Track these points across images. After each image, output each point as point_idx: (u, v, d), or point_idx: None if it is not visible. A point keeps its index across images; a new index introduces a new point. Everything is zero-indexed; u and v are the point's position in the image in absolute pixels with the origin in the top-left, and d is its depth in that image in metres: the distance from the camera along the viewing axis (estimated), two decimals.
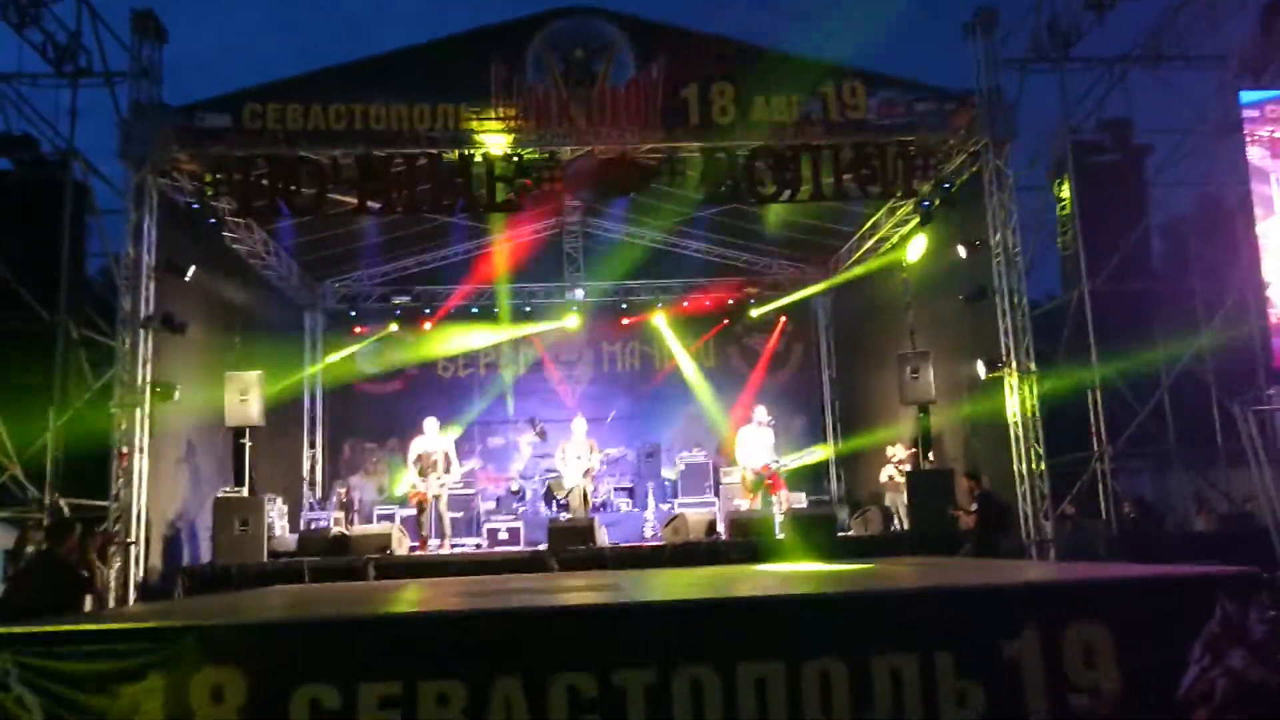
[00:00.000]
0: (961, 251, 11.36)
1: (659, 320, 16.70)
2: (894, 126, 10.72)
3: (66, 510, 9.86)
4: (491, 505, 13.96)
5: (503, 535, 12.02)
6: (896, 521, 12.19)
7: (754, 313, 16.71)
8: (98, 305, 11.00)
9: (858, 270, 15.11)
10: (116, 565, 9.72)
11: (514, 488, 14.16)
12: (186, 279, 10.80)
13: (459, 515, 12.77)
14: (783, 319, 16.89)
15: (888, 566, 7.27)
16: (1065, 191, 11.27)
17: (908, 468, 12.38)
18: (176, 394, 10.53)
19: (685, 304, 16.70)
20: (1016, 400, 10.75)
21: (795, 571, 7.46)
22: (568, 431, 12.75)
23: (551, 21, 10.79)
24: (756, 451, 11.90)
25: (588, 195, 11.97)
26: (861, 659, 3.62)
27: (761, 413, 12.18)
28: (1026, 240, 11.13)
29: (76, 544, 7.61)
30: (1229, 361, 11.11)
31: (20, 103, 10.49)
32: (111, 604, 9.23)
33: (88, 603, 7.70)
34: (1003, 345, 10.89)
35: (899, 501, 12.23)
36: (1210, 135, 11.29)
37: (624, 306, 16.68)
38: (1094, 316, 10.72)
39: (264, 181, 10.32)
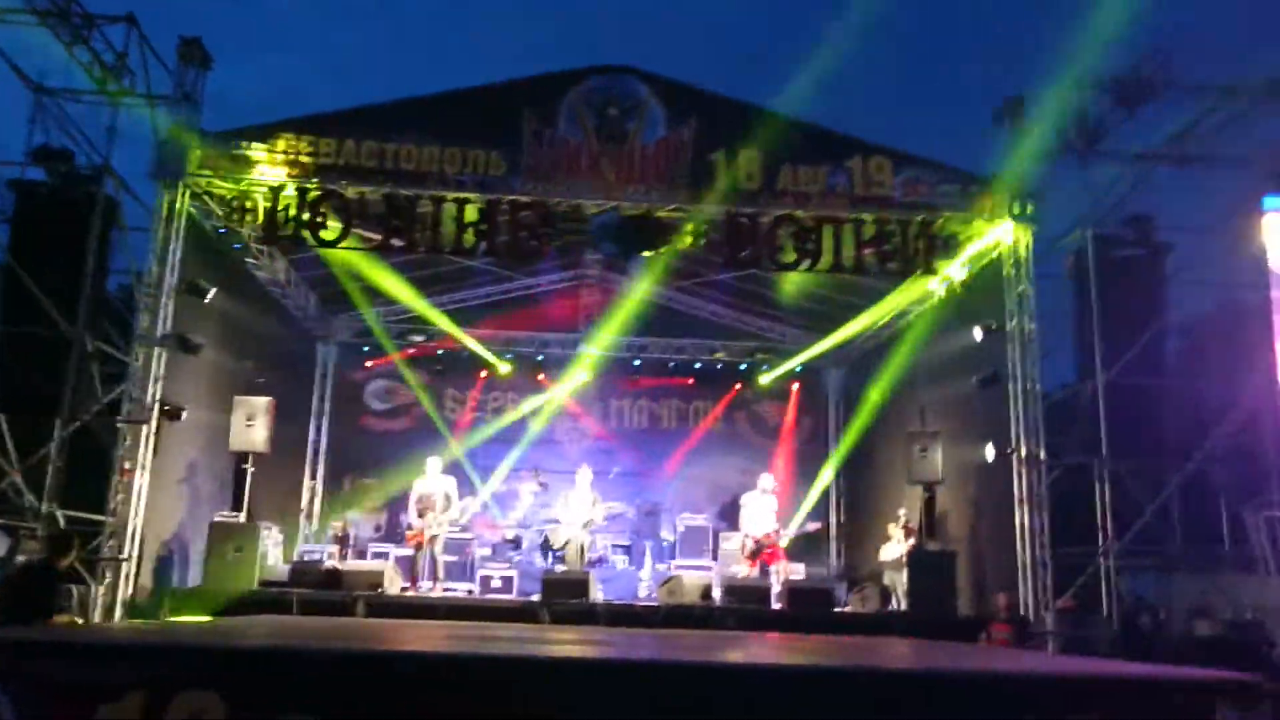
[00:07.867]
0: (977, 334, 11.37)
1: (669, 379, 16.69)
2: (917, 205, 10.82)
3: (62, 521, 9.83)
4: (487, 552, 13.83)
5: (496, 583, 11.88)
6: (895, 601, 12.03)
7: (764, 379, 16.71)
8: (115, 320, 11.06)
9: (856, 329, 15.08)
10: (106, 581, 9.66)
11: (509, 535, 14.03)
12: (206, 301, 10.88)
13: (454, 559, 12.65)
14: (795, 388, 16.88)
15: (884, 645, 7.14)
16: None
17: (909, 546, 12.24)
18: (184, 415, 10.55)
19: (697, 365, 16.72)
20: (1025, 487, 10.65)
21: (791, 642, 7.33)
22: (571, 482, 12.66)
23: (587, 78, 11.01)
24: (759, 519, 11.80)
25: (609, 249, 12.10)
26: None
27: (767, 480, 12.10)
28: (1043, 328, 11.12)
29: (75, 560, 7.58)
30: (1239, 465, 11.00)
31: (62, 117, 10.70)
32: (98, 620, 9.14)
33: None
34: (1013, 431, 10.83)
35: (898, 580, 12.06)
36: (1233, 237, 11.32)
37: (636, 363, 16.70)
38: (1106, 410, 10.65)
39: (291, 211, 10.46)
